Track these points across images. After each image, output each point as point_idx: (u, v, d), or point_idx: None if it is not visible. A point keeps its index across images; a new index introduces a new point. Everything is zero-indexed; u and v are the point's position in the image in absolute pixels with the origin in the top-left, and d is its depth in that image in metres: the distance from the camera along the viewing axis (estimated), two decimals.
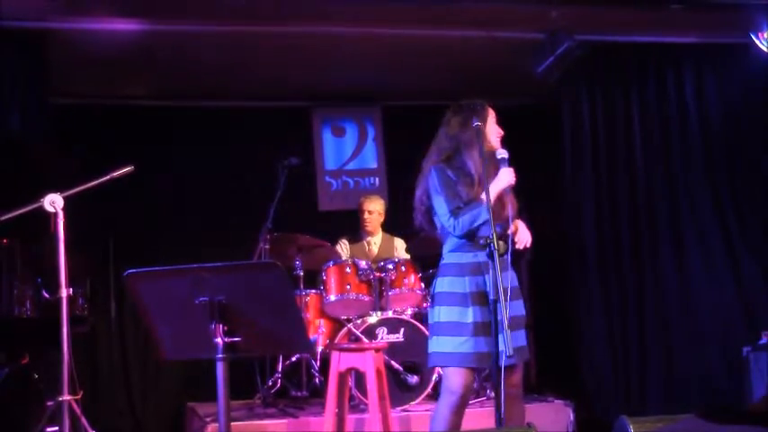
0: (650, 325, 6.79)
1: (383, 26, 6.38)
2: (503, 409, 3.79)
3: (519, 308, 4.15)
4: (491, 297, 3.76)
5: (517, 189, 4.19)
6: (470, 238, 4.09)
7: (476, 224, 4.02)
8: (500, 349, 3.70)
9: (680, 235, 6.89)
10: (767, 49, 6.61)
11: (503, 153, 4.11)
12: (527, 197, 4.41)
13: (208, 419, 5.77)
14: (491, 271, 3.73)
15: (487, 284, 4.01)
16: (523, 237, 4.19)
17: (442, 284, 4.15)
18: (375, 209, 6.94)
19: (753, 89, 7.03)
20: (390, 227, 7.06)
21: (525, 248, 4.22)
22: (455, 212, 4.06)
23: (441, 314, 4.11)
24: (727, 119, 7.05)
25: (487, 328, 3.97)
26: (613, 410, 6.25)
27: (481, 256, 4.01)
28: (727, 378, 6.44)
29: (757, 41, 6.61)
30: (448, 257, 4.20)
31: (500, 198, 4.06)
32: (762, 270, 6.81)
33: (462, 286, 4.08)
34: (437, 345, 4.11)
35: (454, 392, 4.03)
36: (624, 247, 6.86)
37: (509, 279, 4.07)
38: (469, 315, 4.03)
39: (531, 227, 4.29)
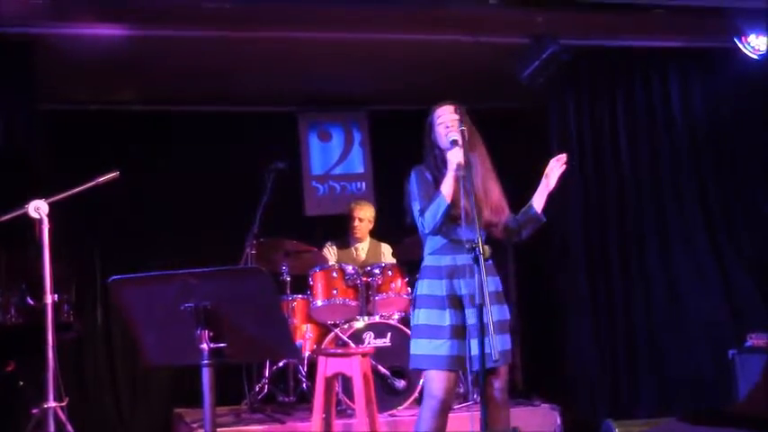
0: (638, 327, 6.80)
1: (369, 31, 6.38)
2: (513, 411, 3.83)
3: (503, 312, 4.15)
4: (477, 301, 3.74)
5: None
6: (448, 237, 4.11)
7: (438, 217, 4.02)
8: (486, 352, 3.70)
9: (667, 237, 6.91)
10: (751, 54, 6.65)
11: (453, 136, 4.11)
12: (515, 200, 4.41)
13: (195, 425, 5.76)
14: (476, 275, 3.72)
15: (462, 288, 4.04)
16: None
17: (422, 287, 4.17)
18: (365, 216, 6.93)
19: (737, 92, 7.06)
20: (377, 232, 7.06)
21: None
22: (422, 211, 4.10)
23: (420, 317, 4.13)
24: (712, 121, 7.08)
25: (462, 332, 3.99)
26: (601, 414, 6.25)
27: (459, 260, 4.05)
28: (715, 380, 6.46)
29: (741, 45, 6.65)
30: (427, 260, 4.22)
31: (474, 196, 4.07)
32: (748, 272, 6.84)
33: (440, 289, 4.09)
34: (416, 347, 4.12)
35: (435, 397, 4.03)
36: (611, 249, 6.87)
37: (490, 284, 4.09)
38: (447, 318, 4.04)
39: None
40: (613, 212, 6.91)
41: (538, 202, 4.20)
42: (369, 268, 6.37)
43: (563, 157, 4.23)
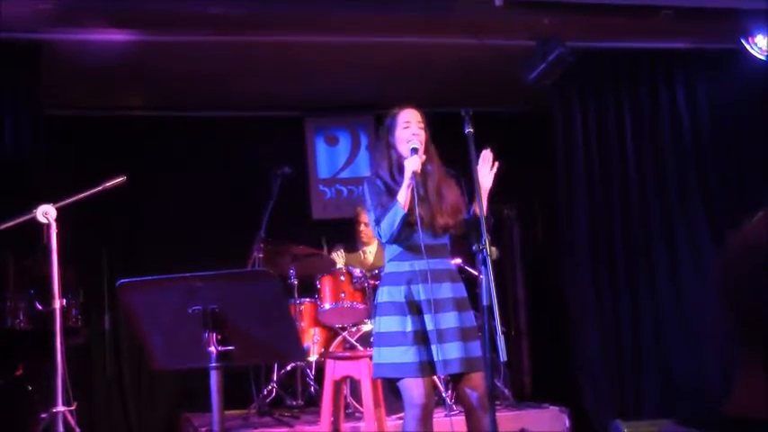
0: (645, 328, 6.79)
1: (375, 34, 6.39)
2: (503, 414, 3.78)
3: (466, 319, 4.10)
4: (484, 303, 3.70)
5: (508, 195, 4.19)
6: (405, 243, 4.07)
7: (395, 225, 3.99)
8: (499, 355, 3.64)
9: (673, 239, 6.90)
10: (758, 55, 6.64)
11: (413, 143, 4.10)
12: (521, 203, 4.40)
13: (203, 430, 5.76)
14: (483, 277, 3.71)
15: (420, 294, 4.01)
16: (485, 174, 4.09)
17: (382, 295, 4.13)
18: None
19: (744, 93, 7.04)
20: None
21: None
22: (378, 220, 4.08)
23: (381, 324, 4.09)
24: (718, 123, 7.07)
25: (423, 337, 3.97)
26: (609, 415, 6.24)
27: (417, 265, 4.02)
28: (723, 381, 6.44)
29: (748, 47, 6.64)
30: (387, 267, 4.19)
31: (428, 203, 4.06)
32: None
33: (399, 295, 4.05)
34: (380, 356, 4.08)
35: (416, 405, 3.97)
36: (618, 252, 6.86)
37: (449, 290, 4.07)
38: (408, 324, 4.00)
39: (524, 232, 4.28)
40: (619, 215, 6.90)
41: (479, 206, 4.01)
42: (377, 271, 6.36)
43: (486, 153, 4.10)
